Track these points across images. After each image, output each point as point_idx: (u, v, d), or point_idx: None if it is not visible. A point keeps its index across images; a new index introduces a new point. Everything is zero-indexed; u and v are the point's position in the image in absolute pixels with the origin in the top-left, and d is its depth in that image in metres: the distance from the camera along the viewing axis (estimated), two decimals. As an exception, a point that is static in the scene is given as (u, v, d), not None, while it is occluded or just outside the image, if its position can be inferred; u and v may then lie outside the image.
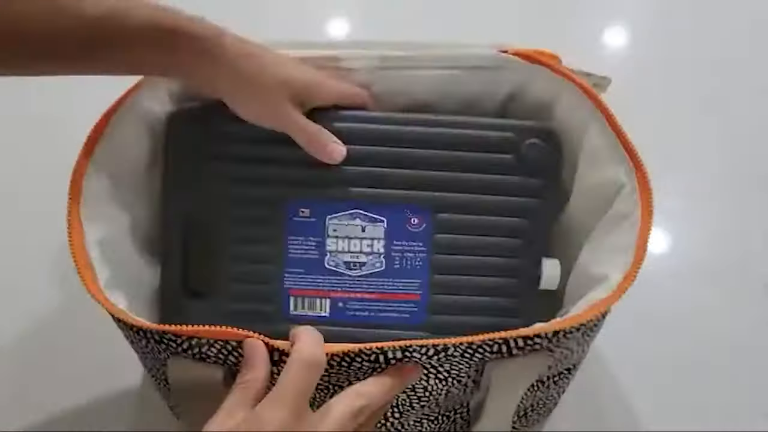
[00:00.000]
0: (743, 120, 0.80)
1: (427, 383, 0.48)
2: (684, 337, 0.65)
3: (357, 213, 0.58)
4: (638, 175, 0.52)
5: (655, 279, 0.67)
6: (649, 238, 0.50)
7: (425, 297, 0.57)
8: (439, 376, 0.47)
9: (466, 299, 0.57)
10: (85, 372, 0.63)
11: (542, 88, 0.57)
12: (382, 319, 0.57)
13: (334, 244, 0.58)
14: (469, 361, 0.46)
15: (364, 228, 0.58)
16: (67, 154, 0.52)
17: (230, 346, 0.45)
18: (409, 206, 0.58)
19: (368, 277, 0.58)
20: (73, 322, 0.65)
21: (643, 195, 0.51)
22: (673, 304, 0.67)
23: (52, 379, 0.62)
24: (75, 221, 0.49)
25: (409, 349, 0.45)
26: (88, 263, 0.49)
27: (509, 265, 0.57)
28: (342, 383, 0.47)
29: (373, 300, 0.57)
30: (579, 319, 0.46)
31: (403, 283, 0.58)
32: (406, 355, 0.45)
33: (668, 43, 0.86)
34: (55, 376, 0.63)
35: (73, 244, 0.49)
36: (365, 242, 0.58)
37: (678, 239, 0.72)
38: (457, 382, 0.48)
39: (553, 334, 0.46)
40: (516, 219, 0.57)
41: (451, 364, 0.47)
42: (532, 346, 0.46)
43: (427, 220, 0.58)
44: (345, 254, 0.58)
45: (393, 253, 0.58)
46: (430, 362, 0.46)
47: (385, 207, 0.58)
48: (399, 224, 0.58)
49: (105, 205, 0.53)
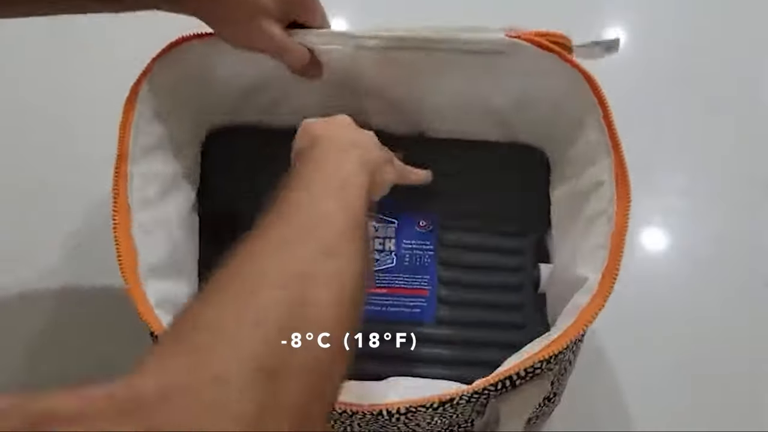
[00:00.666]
0: (746, 120, 0.78)
1: (432, 420, 0.48)
2: (684, 337, 0.65)
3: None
4: (617, 170, 0.51)
5: (655, 279, 0.68)
6: (625, 234, 0.48)
7: (434, 292, 0.60)
8: (444, 416, 0.48)
9: (473, 296, 0.60)
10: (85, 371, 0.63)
11: (550, 76, 0.56)
12: (394, 313, 0.59)
13: (348, 242, 0.61)
14: (475, 403, 0.47)
15: (377, 228, 0.62)
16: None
17: None
18: (419, 211, 0.62)
19: (380, 272, 0.61)
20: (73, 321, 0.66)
21: (620, 189, 0.50)
22: (673, 305, 0.67)
23: (54, 378, 0.63)
24: (122, 206, 0.49)
25: (413, 408, 0.45)
26: (132, 248, 0.48)
27: (511, 264, 0.61)
28: (344, 421, 0.47)
29: (385, 294, 0.60)
30: (572, 334, 0.46)
31: (413, 278, 0.61)
32: (410, 411, 0.45)
33: (672, 44, 0.83)
34: (57, 376, 0.63)
35: (117, 229, 0.48)
36: (377, 241, 0.62)
37: (677, 239, 0.71)
38: (461, 415, 0.49)
39: (550, 357, 0.46)
40: (515, 225, 0.62)
41: (455, 409, 0.47)
42: (533, 372, 0.46)
43: (434, 222, 0.62)
44: (358, 251, 0.62)
45: (403, 251, 0.61)
46: (435, 412, 0.46)
47: (396, 210, 0.62)
48: (409, 225, 0.62)
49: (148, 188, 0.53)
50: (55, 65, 0.81)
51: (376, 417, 0.46)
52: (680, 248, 0.71)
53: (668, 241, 0.71)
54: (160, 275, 0.51)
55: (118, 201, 0.50)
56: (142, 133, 0.53)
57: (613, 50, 0.57)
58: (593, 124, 0.54)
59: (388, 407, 0.45)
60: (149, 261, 0.50)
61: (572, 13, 0.84)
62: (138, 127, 0.52)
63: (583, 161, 0.55)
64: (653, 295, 0.67)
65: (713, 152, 0.76)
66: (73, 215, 0.69)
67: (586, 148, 0.55)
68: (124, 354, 0.57)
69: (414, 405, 0.45)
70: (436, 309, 0.60)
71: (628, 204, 0.50)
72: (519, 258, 0.61)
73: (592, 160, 0.54)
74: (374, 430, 0.49)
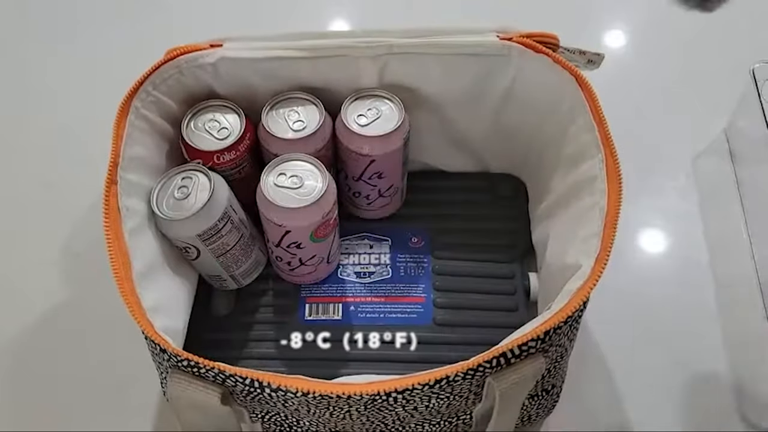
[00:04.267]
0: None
1: (429, 402, 0.48)
2: (684, 337, 0.65)
3: (365, 235, 0.66)
4: (608, 162, 0.51)
5: (654, 279, 0.68)
6: (617, 218, 0.49)
7: (430, 299, 0.62)
8: (441, 396, 0.48)
9: (469, 301, 0.62)
10: (84, 371, 0.64)
11: (540, 79, 0.57)
12: (392, 320, 0.61)
13: (346, 259, 0.64)
14: (470, 380, 0.47)
15: (372, 245, 0.65)
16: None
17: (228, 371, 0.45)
18: (410, 230, 0.66)
19: (377, 283, 0.63)
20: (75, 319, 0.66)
21: (611, 177, 0.51)
22: (672, 305, 0.67)
23: (52, 379, 0.63)
24: (113, 208, 0.49)
25: (408, 389, 0.45)
26: (125, 252, 0.49)
27: (502, 271, 0.64)
28: (342, 407, 0.47)
29: (382, 303, 0.62)
30: (564, 313, 0.46)
31: (409, 287, 0.62)
32: (407, 389, 0.45)
33: (671, 46, 0.84)
34: (55, 376, 0.63)
35: (109, 231, 0.48)
36: (373, 256, 0.65)
37: (677, 239, 0.71)
38: (459, 396, 0.49)
39: (544, 334, 0.46)
40: (504, 239, 0.65)
41: (452, 387, 0.47)
42: (527, 351, 0.47)
43: (426, 239, 0.66)
44: (355, 266, 0.64)
45: (398, 263, 0.64)
46: (431, 391, 0.46)
47: (389, 230, 0.66)
48: (402, 242, 0.65)
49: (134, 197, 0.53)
50: (56, 67, 0.84)
51: (373, 399, 0.46)
52: (679, 249, 0.71)
53: (667, 241, 0.72)
54: (155, 277, 0.52)
55: (109, 205, 0.50)
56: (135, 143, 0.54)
57: (595, 65, 0.59)
58: (584, 125, 0.54)
59: (385, 387, 0.45)
60: (144, 263, 0.51)
61: (572, 15, 0.87)
62: (129, 134, 0.53)
63: (575, 159, 0.56)
64: (653, 295, 0.67)
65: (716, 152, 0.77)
66: (73, 215, 0.71)
67: (578, 148, 0.56)
68: (124, 353, 0.60)
69: (410, 384, 0.45)
70: (434, 313, 0.62)
71: (619, 189, 0.51)
72: (509, 267, 0.64)
73: (583, 157, 0.55)
74: (373, 416, 0.49)
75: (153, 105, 0.55)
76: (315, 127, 0.56)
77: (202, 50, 0.57)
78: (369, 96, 0.58)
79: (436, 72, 0.59)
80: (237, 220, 0.56)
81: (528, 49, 0.57)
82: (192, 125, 0.57)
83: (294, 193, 0.54)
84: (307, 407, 0.47)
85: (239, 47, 0.57)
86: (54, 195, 0.74)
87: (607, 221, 0.50)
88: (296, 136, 0.56)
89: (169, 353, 0.46)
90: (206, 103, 0.58)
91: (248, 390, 0.46)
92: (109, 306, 0.51)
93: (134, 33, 0.86)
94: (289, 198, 0.54)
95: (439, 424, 0.53)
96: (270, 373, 0.45)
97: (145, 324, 0.47)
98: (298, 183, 0.54)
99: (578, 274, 0.49)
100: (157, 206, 0.53)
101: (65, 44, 0.86)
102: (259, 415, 0.51)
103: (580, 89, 0.55)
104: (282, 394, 0.45)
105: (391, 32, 0.57)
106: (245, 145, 0.57)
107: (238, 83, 0.58)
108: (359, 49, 0.57)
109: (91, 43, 0.86)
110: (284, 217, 0.54)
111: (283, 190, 0.54)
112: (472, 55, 0.58)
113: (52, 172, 0.75)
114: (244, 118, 0.57)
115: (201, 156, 0.56)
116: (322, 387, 0.44)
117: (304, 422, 0.51)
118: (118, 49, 0.84)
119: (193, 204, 0.53)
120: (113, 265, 0.48)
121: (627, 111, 0.77)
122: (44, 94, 0.82)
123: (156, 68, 0.55)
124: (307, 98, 0.58)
